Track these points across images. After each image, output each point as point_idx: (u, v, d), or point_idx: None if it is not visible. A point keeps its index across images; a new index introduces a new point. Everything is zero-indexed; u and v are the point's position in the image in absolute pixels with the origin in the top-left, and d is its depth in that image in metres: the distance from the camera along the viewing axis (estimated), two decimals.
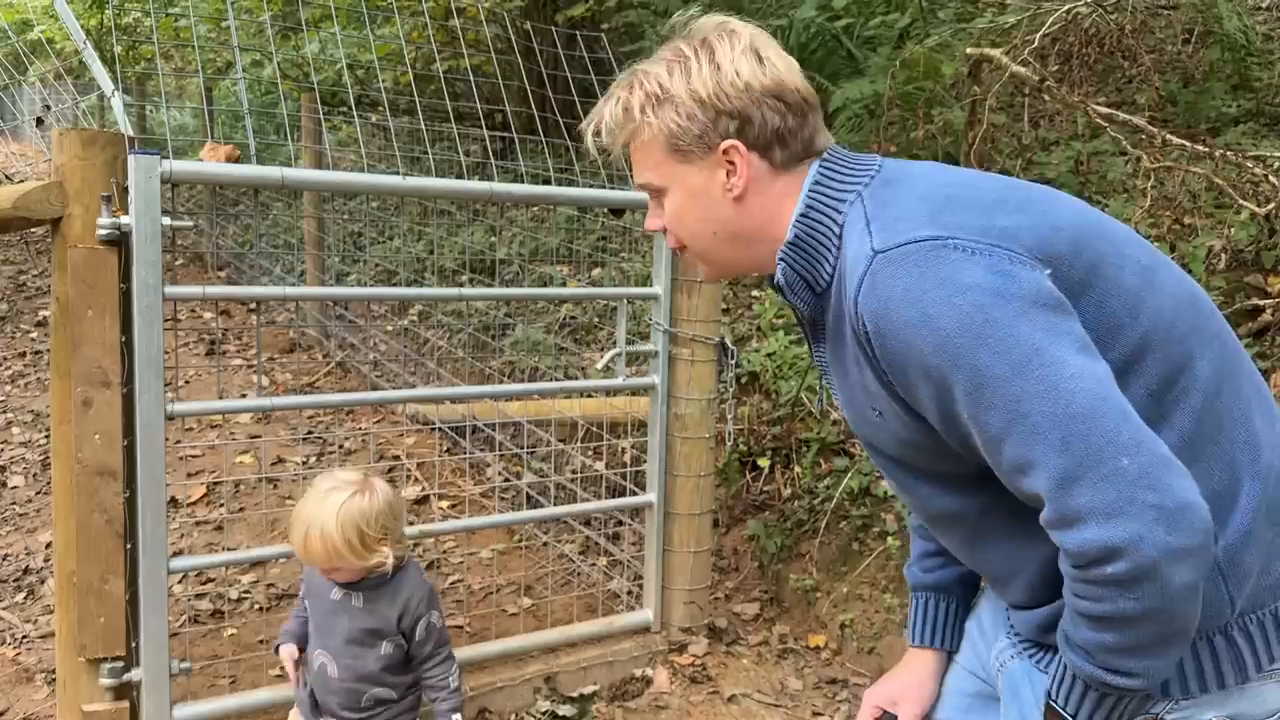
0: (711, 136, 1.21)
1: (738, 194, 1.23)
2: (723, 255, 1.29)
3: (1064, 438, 1.00)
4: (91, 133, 2.19)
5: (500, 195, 2.70)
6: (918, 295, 1.04)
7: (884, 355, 1.10)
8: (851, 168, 1.21)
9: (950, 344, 1.03)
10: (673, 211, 1.28)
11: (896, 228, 1.09)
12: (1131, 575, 0.99)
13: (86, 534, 2.25)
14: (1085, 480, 1.00)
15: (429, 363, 4.96)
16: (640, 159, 1.27)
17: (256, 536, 3.68)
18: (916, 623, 1.51)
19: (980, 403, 1.03)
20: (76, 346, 2.19)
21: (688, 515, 3.01)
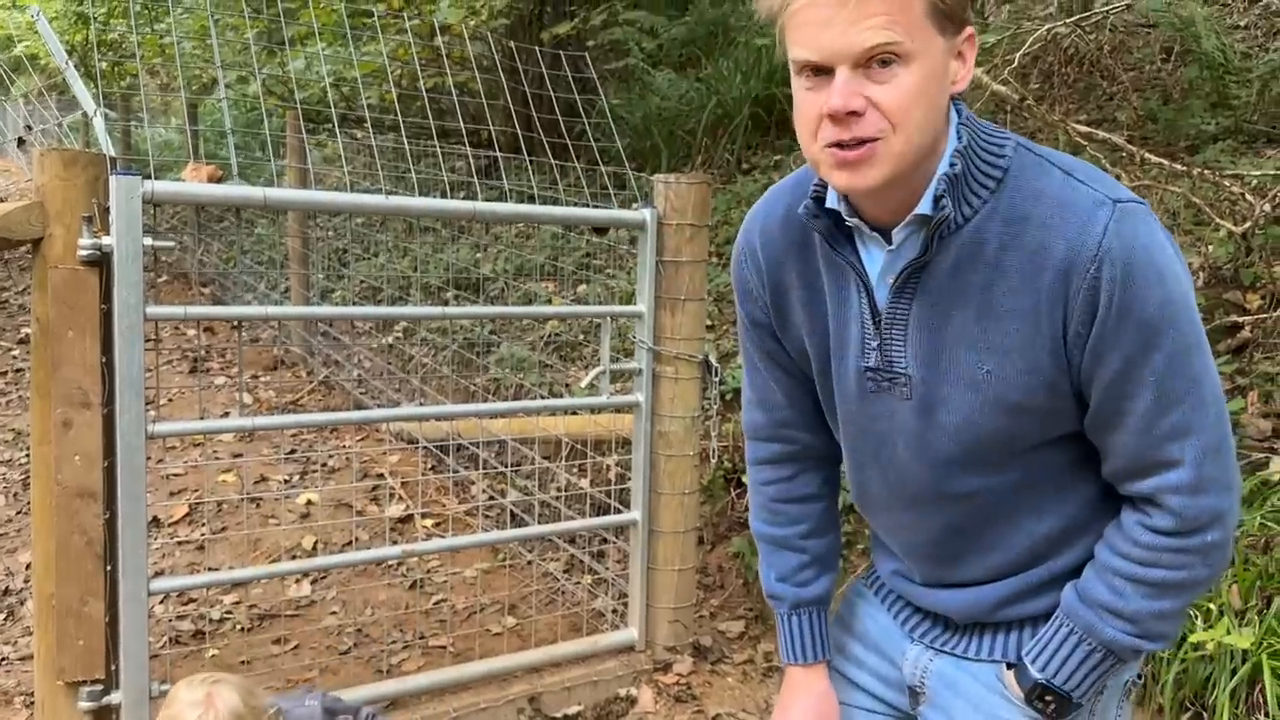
0: (966, 13, 1.09)
1: (959, 89, 1.12)
2: (915, 159, 1.09)
3: (1217, 414, 1.12)
4: (73, 153, 2.18)
5: (484, 215, 2.70)
6: (1158, 252, 1.06)
7: (1113, 302, 1.06)
8: (984, 124, 1.18)
9: (1171, 305, 1.07)
10: (907, 87, 1.04)
11: (1108, 184, 1.09)
12: (1221, 543, 1.14)
13: (66, 555, 2.23)
14: (1219, 454, 1.12)
15: (414, 380, 4.95)
16: (888, 9, 1.02)
17: (239, 556, 3.66)
18: (805, 640, 1.45)
19: (1173, 366, 1.09)
20: (57, 367, 2.18)
21: (672, 533, 3.01)
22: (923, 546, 1.31)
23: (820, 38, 1.03)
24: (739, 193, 5.48)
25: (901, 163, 1.07)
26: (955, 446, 1.20)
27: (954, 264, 1.13)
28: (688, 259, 2.94)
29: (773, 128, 6.12)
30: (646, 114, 6.67)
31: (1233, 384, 3.04)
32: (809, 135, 1.09)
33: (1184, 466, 1.11)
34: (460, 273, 5.81)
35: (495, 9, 6.09)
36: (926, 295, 1.16)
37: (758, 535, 1.49)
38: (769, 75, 6.05)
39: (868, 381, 1.23)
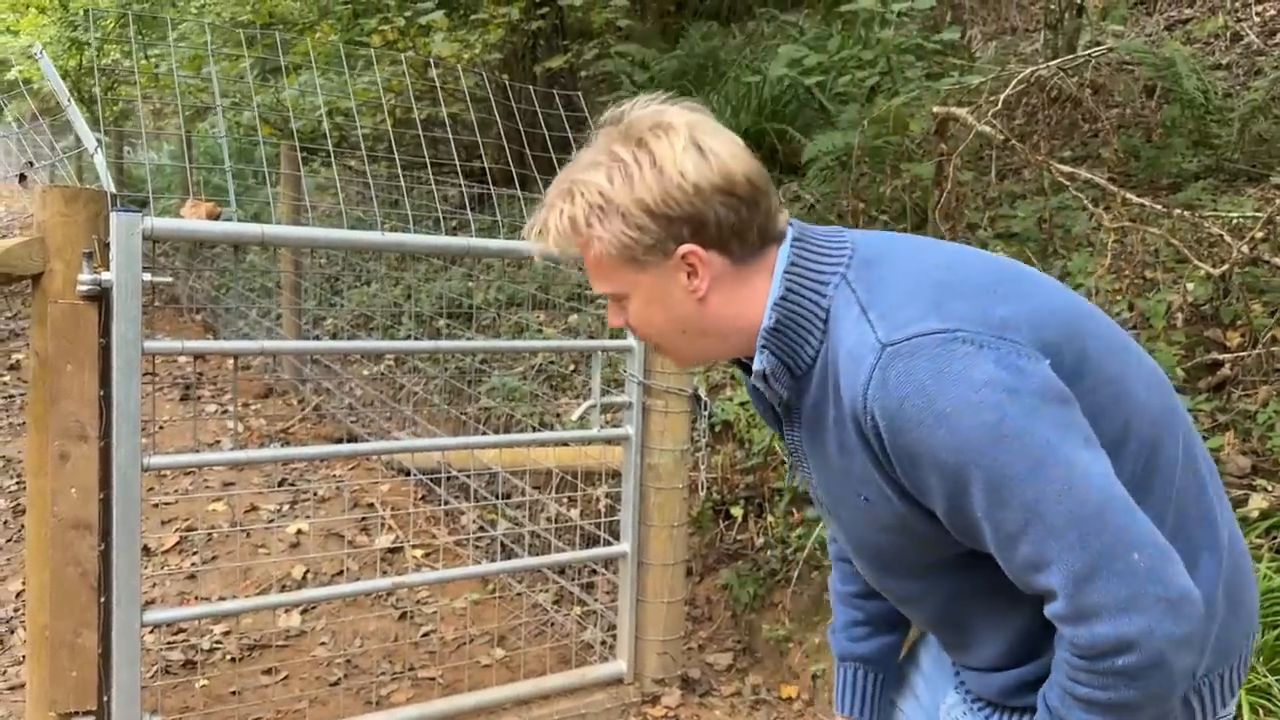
0: (666, 244, 1.15)
1: (702, 294, 1.18)
2: (695, 349, 1.24)
3: (1080, 536, 1.01)
4: (74, 190, 2.22)
5: (478, 250, 2.74)
6: (933, 392, 1.03)
7: (895, 449, 1.08)
8: (826, 247, 1.18)
9: (968, 443, 1.02)
10: (637, 314, 1.22)
11: (899, 318, 1.07)
12: (1141, 666, 1.01)
13: (61, 587, 2.25)
14: (1100, 577, 1.01)
15: (405, 409, 4.98)
16: (594, 269, 1.20)
17: (229, 585, 3.67)
18: (846, 693, 1.53)
19: (997, 501, 1.03)
20: (55, 400, 2.21)
21: (661, 565, 3.04)
22: (923, 628, 1.37)
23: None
24: None
25: (683, 351, 1.25)
26: (871, 559, 1.27)
27: (813, 402, 1.19)
28: None
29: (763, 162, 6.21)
30: None
31: (1213, 421, 3.09)
32: None
33: (1059, 598, 1.04)
34: (452, 302, 5.85)
35: (489, 43, 6.17)
36: (804, 429, 1.23)
37: (830, 590, 1.58)
38: (759, 109, 6.14)
39: (816, 499, 1.33)
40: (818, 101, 6.18)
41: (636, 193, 1.13)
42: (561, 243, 1.18)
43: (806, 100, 6.26)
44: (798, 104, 6.26)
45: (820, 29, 6.69)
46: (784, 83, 6.21)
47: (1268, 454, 2.92)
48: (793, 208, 5.54)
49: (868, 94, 5.62)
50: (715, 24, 8.44)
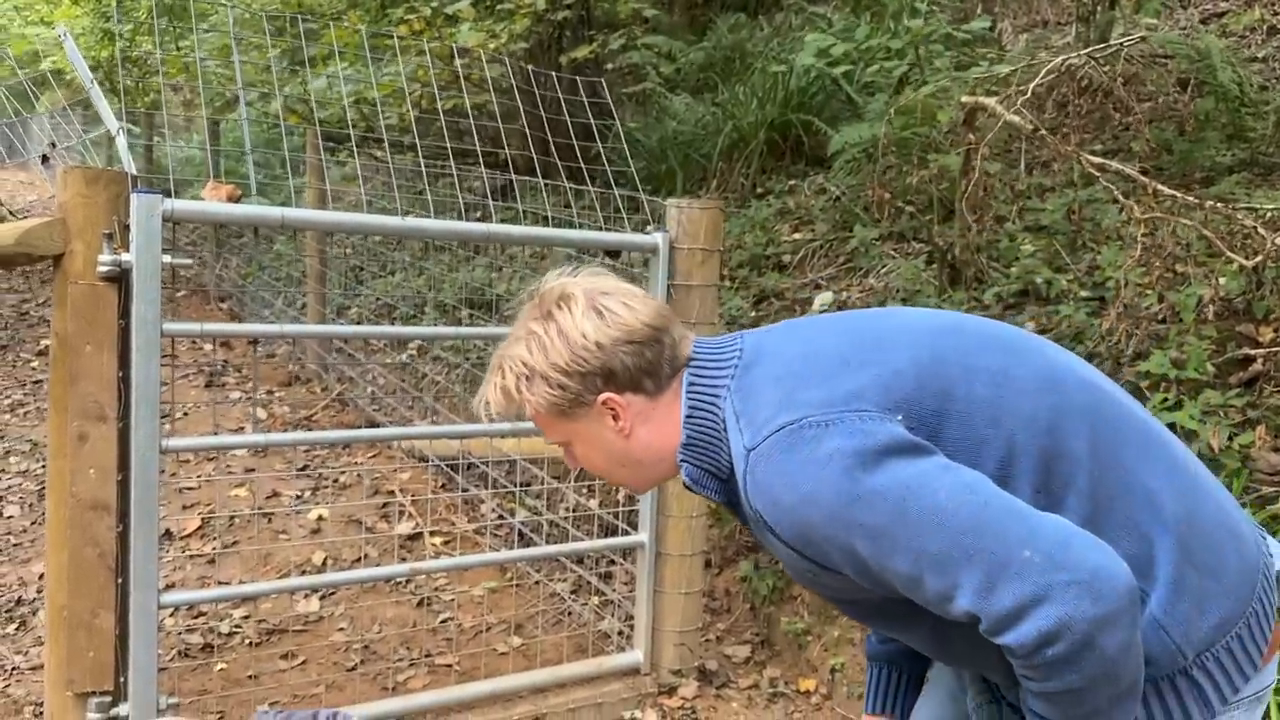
0: (586, 396, 1.32)
1: (628, 431, 1.34)
2: (639, 476, 1.41)
3: (965, 555, 1.08)
4: (95, 171, 2.22)
5: (498, 236, 2.73)
6: (791, 480, 1.15)
7: (789, 540, 1.20)
8: (716, 361, 1.33)
9: (834, 512, 1.13)
10: (582, 457, 1.40)
11: (758, 420, 1.21)
12: (1072, 651, 1.05)
13: (78, 568, 2.26)
14: (1001, 584, 1.07)
15: (426, 398, 4.98)
16: (539, 424, 1.39)
17: (249, 570, 3.68)
18: (871, 691, 1.62)
19: (883, 554, 1.12)
20: (74, 381, 2.21)
21: (679, 556, 3.02)
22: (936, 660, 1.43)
23: None
24: (753, 217, 5.51)
25: (629, 481, 1.42)
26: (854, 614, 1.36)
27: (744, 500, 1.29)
28: (699, 283, 2.97)
29: (787, 153, 6.16)
30: (663, 137, 6.72)
31: (1244, 416, 3.03)
32: None
33: (979, 617, 1.10)
34: (475, 292, 5.84)
35: (515, 33, 6.15)
36: (748, 522, 1.33)
37: None
38: (784, 101, 6.09)
39: None
40: (845, 93, 6.13)
41: (551, 358, 1.31)
42: (503, 408, 1.37)
43: (834, 91, 6.20)
44: (825, 95, 6.20)
45: (849, 20, 6.63)
46: (811, 74, 6.15)
47: None
48: (819, 200, 5.50)
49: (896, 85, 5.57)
50: (743, 16, 8.39)
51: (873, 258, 4.69)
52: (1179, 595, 1.18)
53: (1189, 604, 1.18)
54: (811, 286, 4.83)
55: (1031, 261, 3.95)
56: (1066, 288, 3.74)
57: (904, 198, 4.73)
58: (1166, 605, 1.18)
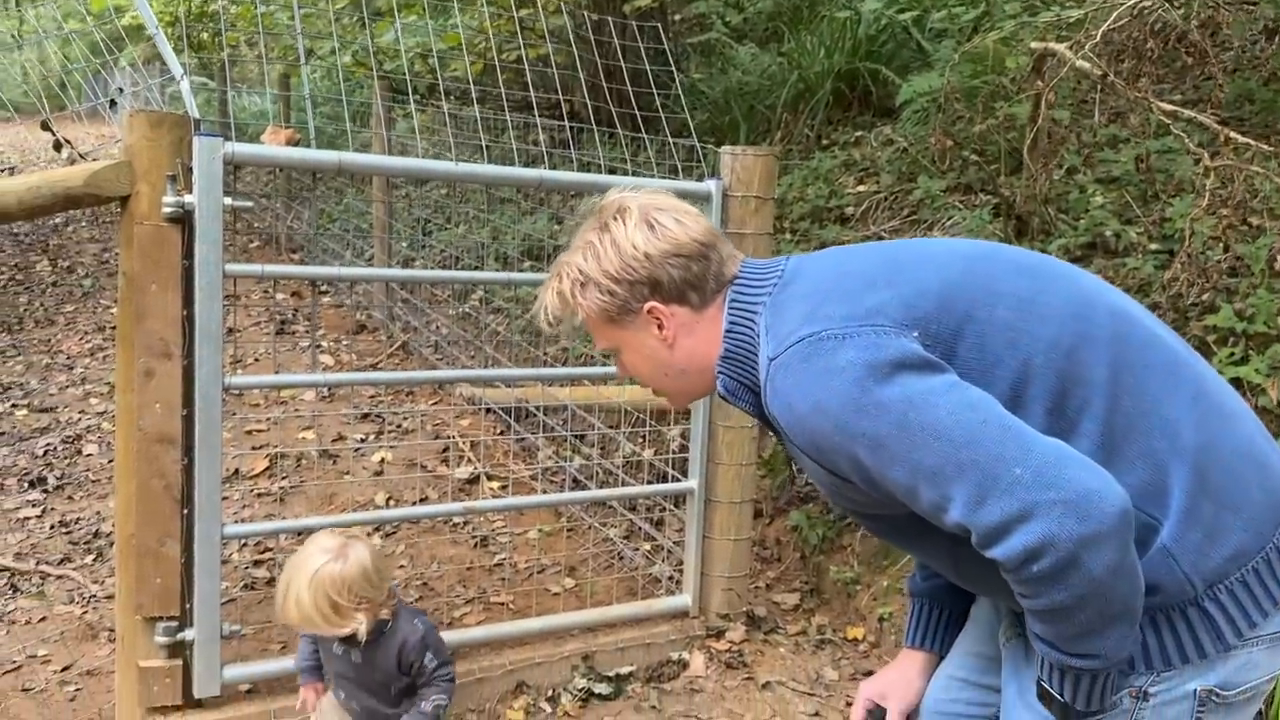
0: (633, 303, 1.40)
1: (671, 341, 1.41)
2: (680, 388, 1.47)
3: (958, 468, 1.11)
4: (159, 115, 2.29)
5: (550, 183, 2.75)
6: (805, 388, 1.21)
7: (802, 447, 1.26)
8: (758, 278, 1.39)
9: (840, 421, 1.17)
10: (629, 364, 1.48)
11: (782, 333, 1.27)
12: (1057, 568, 1.08)
13: (146, 498, 2.36)
14: (990, 498, 1.10)
15: (487, 348, 5.06)
16: (590, 330, 1.47)
17: (314, 509, 3.80)
18: (911, 625, 1.66)
19: (883, 463, 1.16)
20: (140, 319, 2.30)
21: (728, 503, 3.04)
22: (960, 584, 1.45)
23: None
24: (816, 168, 5.44)
25: (671, 391, 1.48)
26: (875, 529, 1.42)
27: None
28: (752, 231, 2.95)
29: (854, 103, 6.06)
30: (727, 88, 6.65)
31: None
32: None
33: (968, 527, 1.13)
34: (536, 243, 5.89)
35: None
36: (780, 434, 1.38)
37: None
38: (852, 49, 5.98)
39: None
40: (914, 40, 5.99)
41: (603, 265, 1.39)
42: (559, 312, 1.45)
43: (903, 40, 6.07)
44: (894, 44, 6.08)
45: None
46: (880, 21, 6.03)
47: None
48: (885, 151, 5.40)
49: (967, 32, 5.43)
50: None
51: (937, 209, 4.62)
52: (1190, 525, 1.18)
53: (1200, 534, 1.18)
54: (874, 239, 4.77)
55: (1100, 213, 3.85)
56: (1135, 240, 3.65)
57: (970, 147, 4.63)
58: (1177, 534, 1.18)
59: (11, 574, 3.39)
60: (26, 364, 5.57)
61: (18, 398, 5.03)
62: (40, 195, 2.21)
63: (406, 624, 2.18)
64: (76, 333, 6.13)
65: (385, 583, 2.11)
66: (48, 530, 3.70)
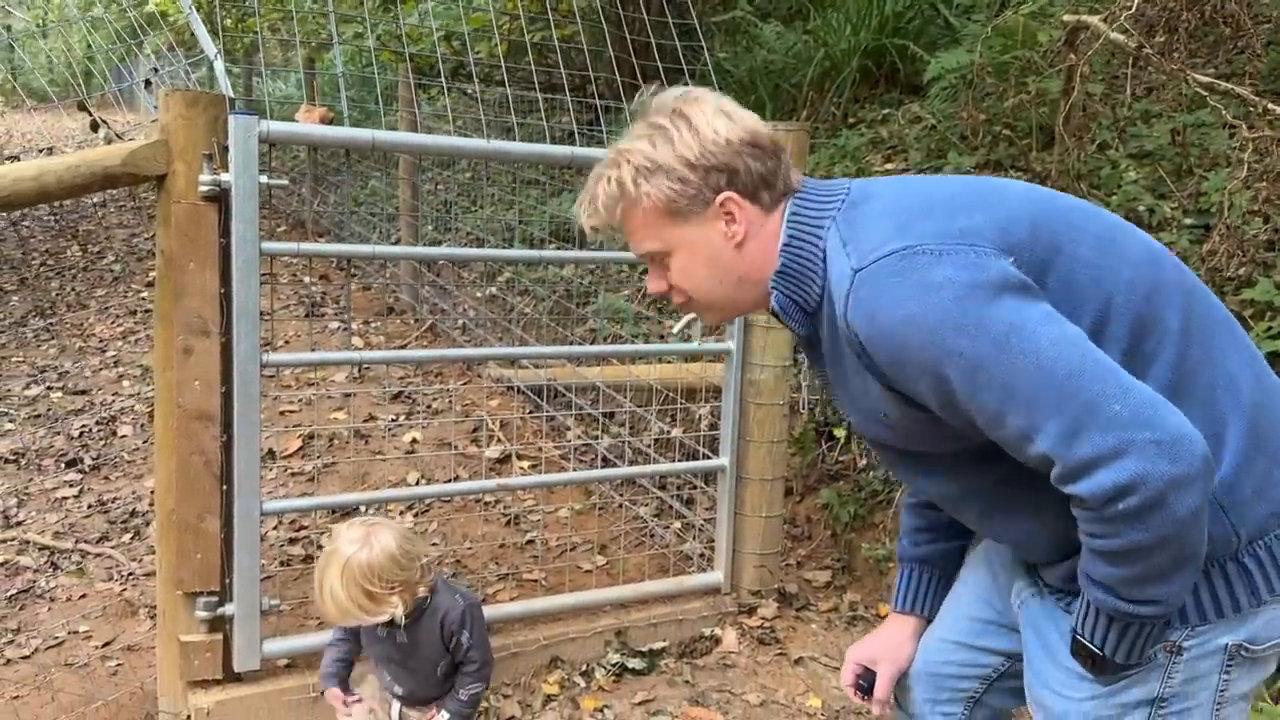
0: (706, 193, 1.31)
1: (740, 239, 1.33)
2: (729, 299, 1.38)
3: (1057, 398, 1.09)
4: (194, 94, 2.30)
5: (581, 159, 2.75)
6: (898, 300, 1.16)
7: (881, 361, 1.20)
8: (822, 196, 1.33)
9: (935, 337, 1.13)
10: (681, 269, 1.36)
11: (869, 245, 1.21)
12: (1143, 507, 1.07)
13: (185, 474, 2.39)
14: (1085, 432, 1.09)
15: (515, 329, 5.07)
16: (639, 229, 1.36)
17: (347, 489, 3.83)
18: (901, 590, 1.66)
19: (975, 385, 1.13)
20: (179, 297, 2.32)
21: (759, 480, 3.05)
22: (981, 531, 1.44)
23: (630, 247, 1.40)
24: (844, 146, 5.41)
25: (716, 307, 1.39)
26: (914, 463, 1.37)
27: (827, 335, 1.32)
28: None
29: (881, 81, 6.01)
30: (752, 67, 6.61)
31: None
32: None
33: (1055, 461, 1.12)
34: (562, 225, 5.89)
35: None
36: (827, 359, 1.36)
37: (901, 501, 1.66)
38: (879, 26, 5.93)
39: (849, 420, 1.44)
40: (942, 16, 5.94)
41: (677, 150, 1.30)
42: (610, 205, 1.34)
43: (931, 16, 6.01)
44: (921, 20, 6.02)
45: None
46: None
47: None
48: (913, 129, 5.36)
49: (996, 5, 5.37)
50: None
51: None
52: (1242, 477, 1.19)
53: (1251, 488, 1.20)
54: None
55: (1134, 189, 3.81)
56: (1170, 215, 3.61)
57: (1001, 123, 4.58)
58: (1229, 485, 1.19)
59: (52, 552, 3.45)
60: (60, 347, 5.64)
61: (53, 380, 5.09)
62: (79, 174, 2.24)
63: (447, 598, 2.19)
64: (108, 316, 6.20)
65: (415, 562, 2.11)
66: (85, 510, 3.76)
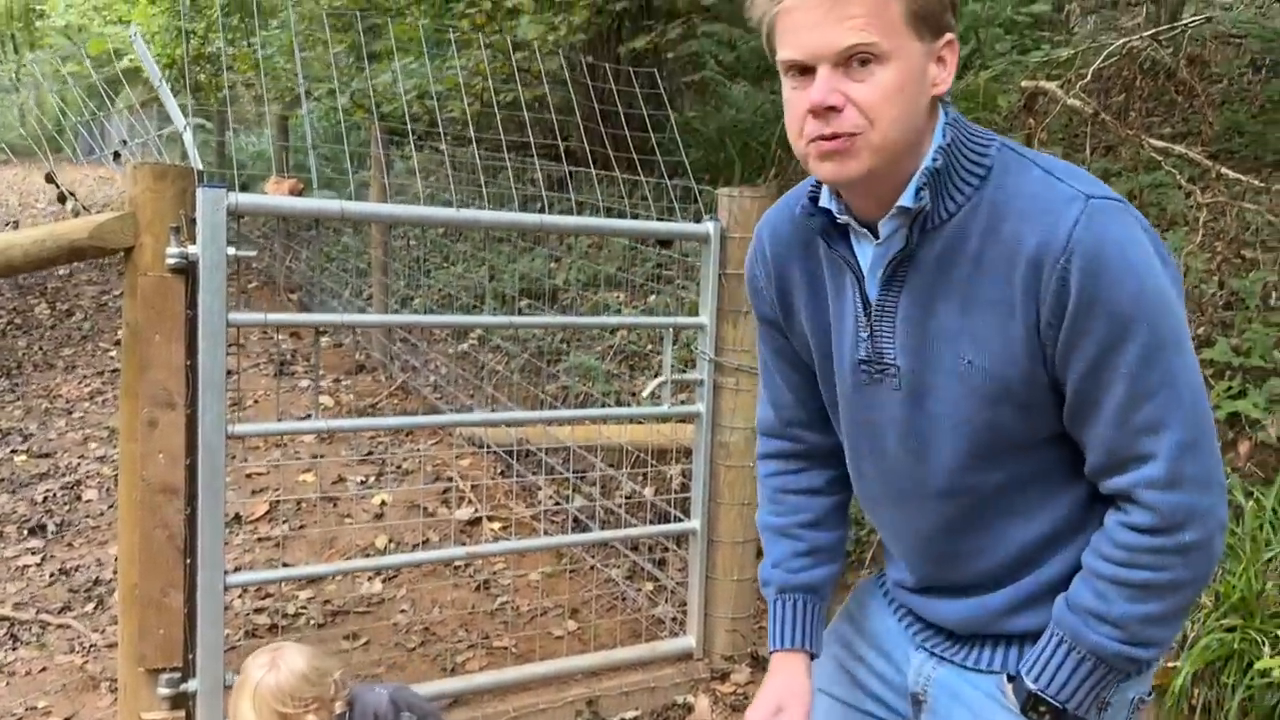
0: (946, 19, 1.15)
1: (940, 90, 1.17)
2: (895, 154, 1.15)
3: (1193, 412, 1.12)
4: (163, 167, 2.31)
5: (551, 227, 2.78)
6: (1129, 247, 1.11)
7: (1076, 292, 1.10)
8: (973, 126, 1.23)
9: (1145, 300, 1.10)
10: (884, 85, 1.11)
11: (1093, 184, 1.14)
12: (1199, 542, 1.13)
13: (149, 548, 2.36)
14: (1197, 451, 1.13)
15: (487, 387, 5.07)
16: (866, 12, 1.09)
17: (315, 554, 3.79)
18: (789, 626, 1.46)
19: (1147, 361, 1.11)
20: (144, 369, 2.31)
21: (731, 543, 3.04)
22: (916, 544, 1.34)
23: (803, 38, 1.12)
24: None
25: (879, 156, 1.14)
26: (942, 438, 1.23)
27: (938, 257, 1.19)
28: None
29: None
30: (721, 126, 6.71)
31: None
32: (795, 133, 1.17)
33: (1159, 460, 1.12)
34: (534, 282, 5.91)
35: (574, 24, 6.19)
36: (912, 288, 1.21)
37: (761, 527, 1.54)
38: None
39: (861, 374, 1.29)
40: None
41: None
42: None
43: None
44: None
45: None
46: None
47: None
48: None
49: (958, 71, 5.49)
50: None
51: None
52: None
53: None
54: None
55: None
56: None
57: None
58: None
59: (11, 624, 3.38)
60: (25, 408, 5.57)
61: (17, 443, 5.02)
62: (45, 248, 2.24)
63: (370, 699, 2.13)
64: (75, 377, 6.13)
65: (327, 678, 2.04)
66: (48, 578, 3.69)
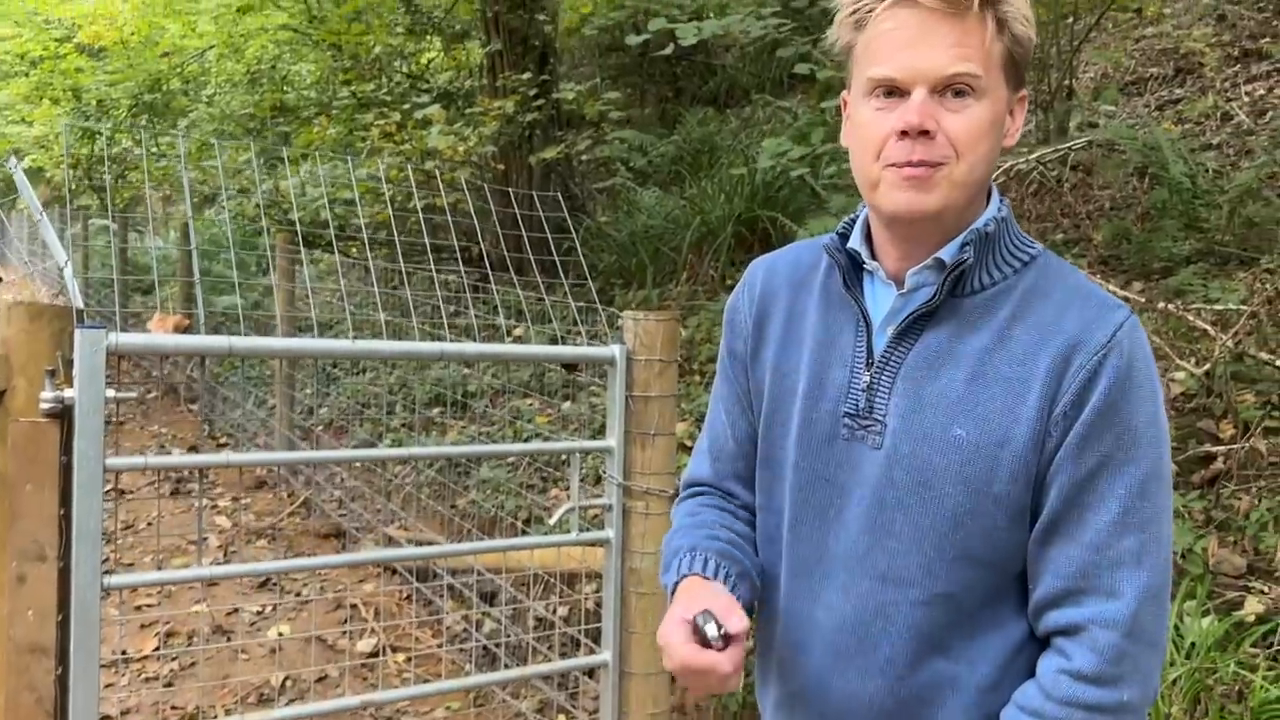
0: (1024, 74, 1.17)
1: (1009, 144, 1.18)
2: (968, 195, 1.14)
3: (1166, 560, 1.11)
4: (39, 307, 2.21)
5: (451, 355, 2.73)
6: (1153, 372, 1.13)
7: (1100, 394, 1.09)
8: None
9: (1157, 427, 1.11)
10: (978, 119, 1.10)
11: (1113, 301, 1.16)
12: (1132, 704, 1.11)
13: (15, 713, 2.19)
14: (1159, 604, 1.11)
15: (392, 504, 4.93)
16: (974, 44, 1.08)
17: (207, 694, 3.58)
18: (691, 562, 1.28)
19: (1145, 489, 1.10)
20: (14, 520, 2.17)
21: (644, 674, 2.95)
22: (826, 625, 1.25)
23: (903, 57, 1.09)
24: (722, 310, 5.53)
25: (956, 193, 1.12)
26: (904, 514, 1.16)
27: (959, 322, 1.16)
28: (657, 393, 2.95)
29: (755, 245, 6.22)
30: (633, 231, 6.79)
31: (1208, 518, 3.02)
32: (871, 156, 1.13)
33: (1123, 600, 1.09)
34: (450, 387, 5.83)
35: (484, 135, 6.24)
36: (924, 348, 1.18)
37: (664, 545, 1.38)
38: (751, 196, 6.18)
39: (842, 428, 1.22)
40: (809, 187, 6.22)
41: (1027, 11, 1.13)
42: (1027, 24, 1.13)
43: (799, 186, 6.30)
44: (790, 189, 6.30)
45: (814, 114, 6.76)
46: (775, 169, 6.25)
47: (1263, 554, 2.84)
48: None
49: None
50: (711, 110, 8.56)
51: None
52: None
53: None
54: None
55: None
56: None
57: None
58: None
59: None
60: None
61: None
62: None
63: None
64: None
65: None
66: None
